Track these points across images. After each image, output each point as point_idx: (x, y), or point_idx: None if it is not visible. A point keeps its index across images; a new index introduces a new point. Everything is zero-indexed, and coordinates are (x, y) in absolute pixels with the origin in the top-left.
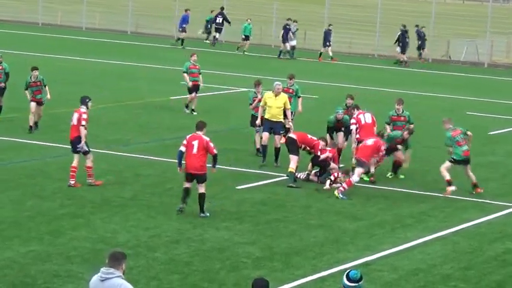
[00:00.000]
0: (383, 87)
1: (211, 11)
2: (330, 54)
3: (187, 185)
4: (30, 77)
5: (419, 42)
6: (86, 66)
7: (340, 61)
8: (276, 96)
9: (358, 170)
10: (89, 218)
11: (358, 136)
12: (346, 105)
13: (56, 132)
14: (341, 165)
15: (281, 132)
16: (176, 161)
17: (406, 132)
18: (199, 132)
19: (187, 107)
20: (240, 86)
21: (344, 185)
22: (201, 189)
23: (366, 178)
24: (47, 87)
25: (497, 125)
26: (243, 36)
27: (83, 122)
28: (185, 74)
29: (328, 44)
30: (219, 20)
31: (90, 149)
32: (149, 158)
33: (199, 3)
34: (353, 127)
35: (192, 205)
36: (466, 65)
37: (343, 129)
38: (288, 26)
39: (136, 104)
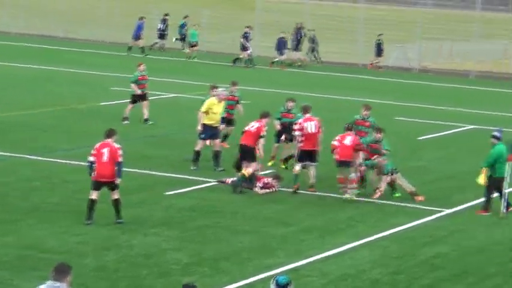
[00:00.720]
0: (308, 91)
1: (184, 17)
2: (282, 59)
3: (94, 196)
4: None
5: (313, 45)
6: (13, 71)
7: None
8: (219, 102)
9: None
10: (17, 224)
11: (301, 145)
12: (286, 108)
13: None
14: (271, 171)
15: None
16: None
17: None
18: (108, 140)
19: (125, 119)
20: (172, 92)
21: (352, 185)
22: (115, 195)
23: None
24: None
25: (426, 130)
26: (193, 43)
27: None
28: (133, 84)
29: (282, 52)
30: (162, 26)
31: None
32: (77, 164)
33: (134, 9)
34: (297, 133)
35: (122, 211)
36: (395, 70)
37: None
38: (246, 34)
39: (64, 110)
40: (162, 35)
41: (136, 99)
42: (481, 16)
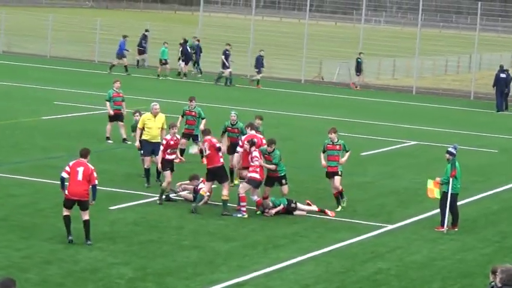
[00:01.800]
0: (246, 106)
1: (196, 39)
2: (259, 78)
3: (66, 212)
4: None
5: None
6: None
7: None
8: (154, 117)
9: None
10: None
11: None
12: (331, 140)
13: None
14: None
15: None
16: (59, 183)
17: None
18: (83, 159)
19: (108, 138)
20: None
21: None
22: (86, 216)
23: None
24: None
25: (368, 146)
26: (163, 61)
27: None
28: (107, 102)
29: (258, 70)
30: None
31: None
32: (21, 178)
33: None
34: (239, 149)
35: (62, 227)
36: (338, 85)
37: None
38: (227, 51)
39: (8, 124)
40: (142, 51)
41: (112, 118)
42: (423, 33)
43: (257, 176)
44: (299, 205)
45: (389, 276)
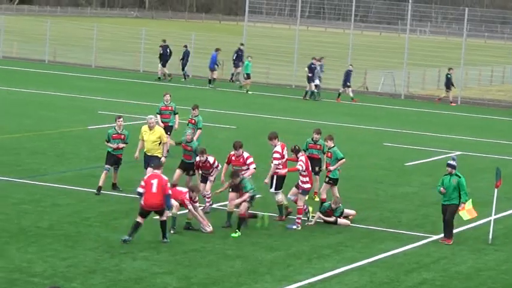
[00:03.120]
0: (300, 117)
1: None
2: (351, 95)
3: (140, 219)
4: None
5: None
6: (1, 95)
7: (255, 91)
8: (150, 130)
9: None
10: (5, 248)
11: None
12: (312, 139)
13: None
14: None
15: (152, 165)
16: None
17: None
18: (157, 171)
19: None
20: None
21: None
22: (163, 217)
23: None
24: None
25: (413, 156)
26: (245, 75)
27: None
28: (157, 115)
29: (348, 84)
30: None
31: None
32: (66, 188)
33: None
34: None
35: (111, 235)
36: (383, 96)
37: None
38: (313, 65)
39: (54, 134)
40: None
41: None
42: (468, 43)
43: (309, 185)
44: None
45: (434, 286)
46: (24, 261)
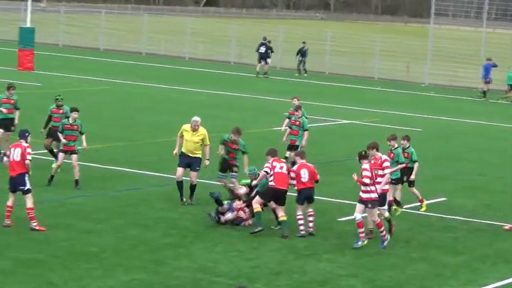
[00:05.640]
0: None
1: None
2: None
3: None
4: (68, 119)
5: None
6: (187, 96)
7: (439, 93)
8: (193, 131)
9: None
10: (191, 248)
11: None
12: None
13: (159, 161)
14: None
15: (197, 168)
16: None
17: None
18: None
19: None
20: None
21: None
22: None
23: None
24: (83, 136)
25: None
26: (508, 86)
27: (29, 157)
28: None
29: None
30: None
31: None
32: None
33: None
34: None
35: (292, 236)
36: None
37: None
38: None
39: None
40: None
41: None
42: None
43: (375, 195)
44: None
45: None
46: (210, 261)
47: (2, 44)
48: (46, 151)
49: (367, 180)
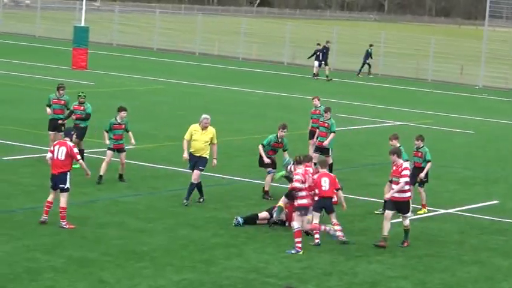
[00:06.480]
0: None
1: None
2: None
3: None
4: (116, 118)
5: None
6: (241, 96)
7: (492, 96)
8: (202, 130)
9: None
10: (242, 248)
11: None
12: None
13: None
14: None
15: (200, 167)
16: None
17: None
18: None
19: None
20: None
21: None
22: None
23: None
24: (130, 132)
25: None
26: None
27: (79, 157)
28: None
29: None
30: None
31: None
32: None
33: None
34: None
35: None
36: None
37: None
38: None
39: (292, 135)
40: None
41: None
42: None
43: (307, 200)
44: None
45: None
46: (261, 262)
47: (57, 42)
48: (91, 150)
49: (297, 184)
